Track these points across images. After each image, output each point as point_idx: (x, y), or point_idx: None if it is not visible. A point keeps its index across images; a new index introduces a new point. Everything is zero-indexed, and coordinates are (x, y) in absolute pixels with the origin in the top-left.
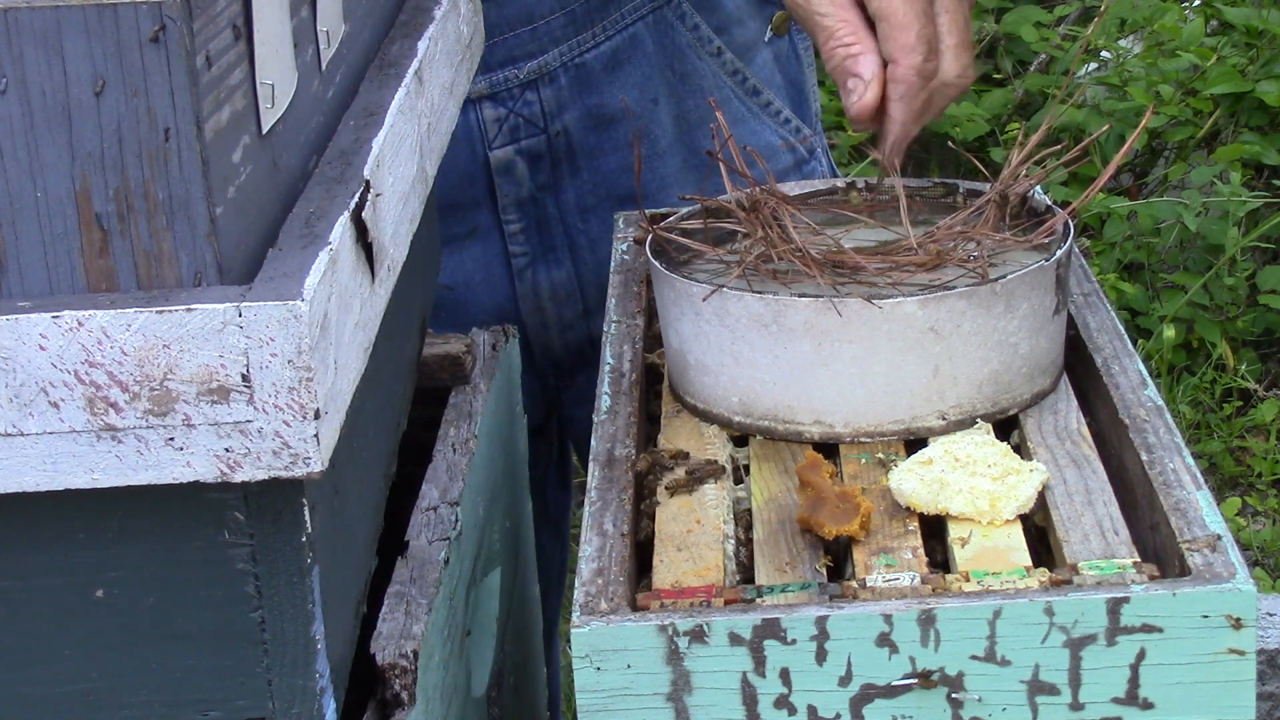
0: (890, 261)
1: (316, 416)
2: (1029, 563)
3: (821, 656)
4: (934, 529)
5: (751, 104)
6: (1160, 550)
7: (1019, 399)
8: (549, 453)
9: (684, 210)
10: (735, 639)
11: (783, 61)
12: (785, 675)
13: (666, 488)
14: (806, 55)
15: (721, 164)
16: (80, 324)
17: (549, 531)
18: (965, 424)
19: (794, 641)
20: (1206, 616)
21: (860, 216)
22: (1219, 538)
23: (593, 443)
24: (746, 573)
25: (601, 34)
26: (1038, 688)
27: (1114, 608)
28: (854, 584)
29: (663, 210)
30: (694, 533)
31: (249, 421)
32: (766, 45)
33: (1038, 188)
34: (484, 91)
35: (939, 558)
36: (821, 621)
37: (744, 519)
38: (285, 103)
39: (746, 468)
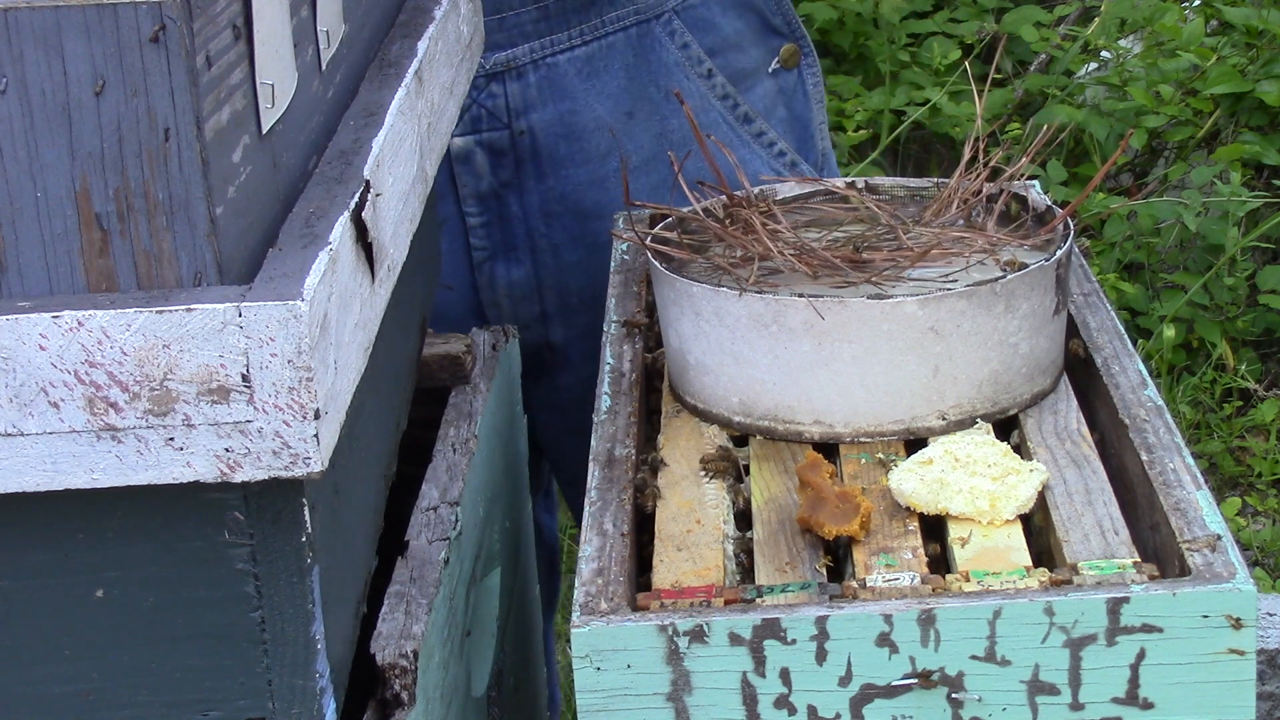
0: (892, 257)
1: (316, 417)
2: (1029, 563)
3: (821, 656)
4: (934, 529)
5: (742, 131)
6: (1160, 550)
7: (1019, 399)
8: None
9: (668, 219)
10: (735, 639)
11: (788, 95)
12: (785, 675)
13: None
14: (815, 92)
15: (680, 177)
16: (80, 324)
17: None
18: (965, 424)
19: (794, 641)
20: (1206, 616)
21: (841, 215)
22: (1219, 538)
23: (593, 442)
24: (747, 573)
25: (577, 37)
26: (1038, 688)
27: (1114, 608)
28: (854, 584)
29: (663, 209)
30: (694, 533)
31: (249, 421)
32: (770, 76)
33: (1036, 185)
34: None
35: (937, 554)
36: (821, 621)
37: (743, 502)
38: (285, 103)
39: (747, 468)
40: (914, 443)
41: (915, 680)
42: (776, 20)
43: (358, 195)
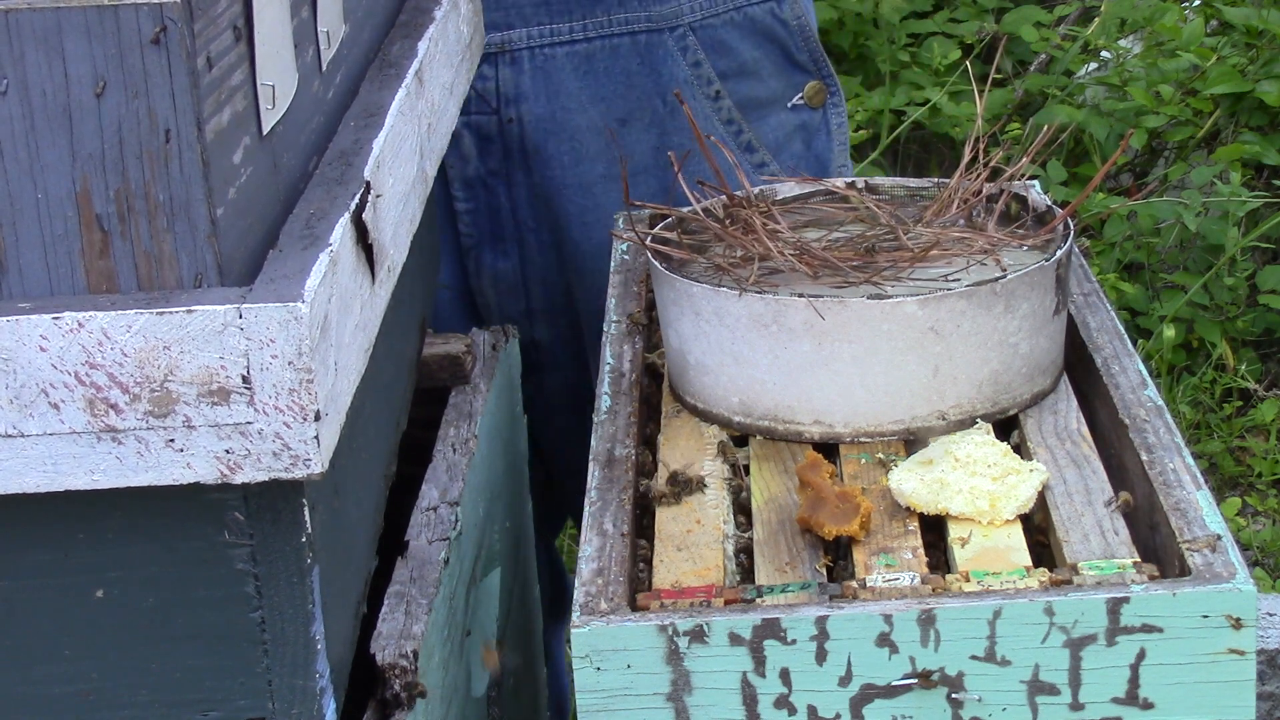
0: (892, 257)
1: (317, 418)
2: (1029, 563)
3: (821, 656)
4: (934, 529)
5: (741, 159)
6: (1160, 550)
7: (1019, 399)
8: None
9: (668, 219)
10: (735, 639)
11: (809, 131)
12: (785, 675)
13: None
14: (839, 132)
15: (680, 177)
16: (81, 325)
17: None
18: (965, 424)
19: (794, 641)
20: (1206, 616)
21: (843, 216)
22: (1219, 538)
23: (593, 442)
24: (747, 573)
25: (580, 32)
26: (1038, 688)
27: (1114, 608)
28: (854, 584)
29: (663, 210)
30: (694, 533)
31: (249, 423)
32: (790, 110)
33: (1036, 185)
34: None
35: (938, 558)
36: (821, 621)
37: (742, 507)
38: (286, 104)
39: (746, 468)
40: (914, 443)
41: (915, 680)
42: (801, 56)
43: (358, 196)
